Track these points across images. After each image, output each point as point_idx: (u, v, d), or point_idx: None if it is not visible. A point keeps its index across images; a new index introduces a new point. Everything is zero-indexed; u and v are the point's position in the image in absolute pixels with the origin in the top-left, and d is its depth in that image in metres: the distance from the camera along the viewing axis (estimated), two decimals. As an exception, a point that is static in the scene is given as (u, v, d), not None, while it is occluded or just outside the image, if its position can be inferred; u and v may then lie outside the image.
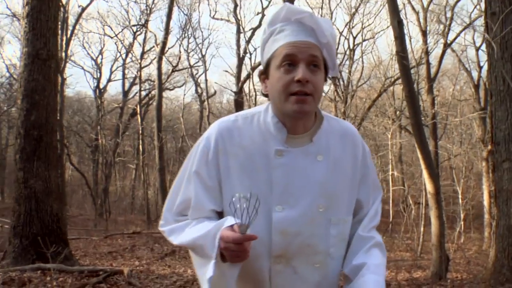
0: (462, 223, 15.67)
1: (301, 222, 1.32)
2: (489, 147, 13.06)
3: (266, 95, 1.38)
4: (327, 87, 21.21)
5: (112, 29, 26.02)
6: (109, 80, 23.87)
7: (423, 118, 16.55)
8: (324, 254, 1.35)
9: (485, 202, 15.32)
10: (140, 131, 19.54)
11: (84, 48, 23.35)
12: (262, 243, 1.29)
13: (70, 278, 5.91)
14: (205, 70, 19.48)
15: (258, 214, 1.20)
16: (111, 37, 22.00)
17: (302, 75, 1.24)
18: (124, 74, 22.52)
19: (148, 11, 19.90)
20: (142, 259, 8.63)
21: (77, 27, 20.34)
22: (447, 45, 17.11)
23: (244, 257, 1.18)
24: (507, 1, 6.52)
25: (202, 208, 1.35)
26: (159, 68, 15.63)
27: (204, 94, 23.99)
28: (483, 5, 8.15)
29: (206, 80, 15.07)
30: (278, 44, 1.31)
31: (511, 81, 6.44)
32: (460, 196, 16.69)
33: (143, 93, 21.92)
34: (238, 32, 19.08)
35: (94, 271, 6.33)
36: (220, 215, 1.37)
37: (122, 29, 21.75)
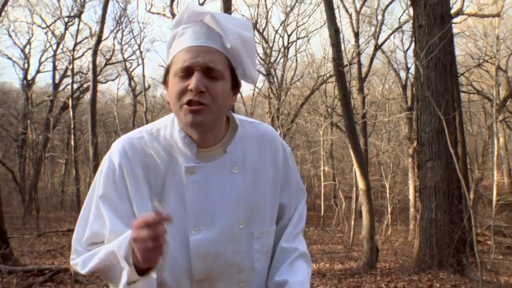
0: (389, 216, 16.72)
1: (221, 242, 1.23)
2: (415, 144, 14.10)
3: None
4: (261, 84, 21.77)
5: (42, 18, 25.12)
6: (37, 72, 23.10)
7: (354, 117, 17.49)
8: (249, 270, 1.29)
9: (411, 197, 16.46)
10: (72, 125, 19.14)
11: (11, 36, 22.28)
12: (182, 268, 1.22)
13: (15, 278, 5.94)
14: (143, 65, 19.40)
15: (175, 238, 1.17)
16: (42, 28, 21.29)
17: (194, 84, 1.13)
18: (54, 65, 21.86)
19: (82, 1, 19.46)
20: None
21: (3, 14, 19.54)
22: (377, 47, 18.12)
23: (159, 249, 1.04)
24: (432, 15, 7.26)
25: (118, 234, 1.16)
26: (94, 62, 15.43)
27: (138, 88, 23.87)
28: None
29: (143, 76, 15.07)
30: (177, 49, 1.21)
31: (435, 88, 7.18)
32: (387, 191, 17.74)
33: (75, 85, 21.42)
34: (175, 26, 19.11)
35: (40, 270, 6.42)
36: None
37: (55, 21, 21.13)
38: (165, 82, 1.25)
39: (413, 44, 9.93)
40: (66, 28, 21.73)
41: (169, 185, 1.22)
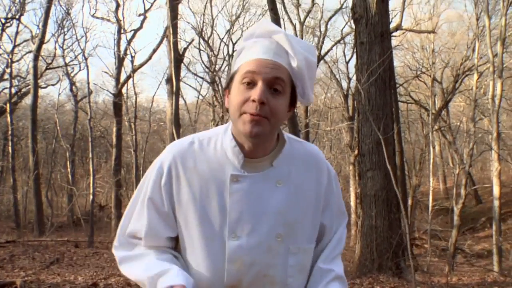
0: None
1: (257, 252, 1.28)
2: (356, 153, 14.73)
3: (228, 110, 1.33)
4: (205, 91, 21.98)
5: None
6: (-30, 75, 22.19)
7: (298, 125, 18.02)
8: (282, 284, 1.32)
9: (352, 203, 17.13)
10: (10, 132, 18.59)
11: None
12: (216, 272, 1.29)
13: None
14: (88, 70, 19.12)
15: (213, 243, 1.29)
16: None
17: (258, 96, 1.19)
18: (-10, 69, 21.12)
19: (22, 2, 18.96)
20: (26, 270, 8.57)
21: None
22: (320, 57, 18.76)
23: None
24: (372, 33, 7.77)
25: (157, 236, 1.34)
26: (35, 67, 15.14)
27: (80, 93, 23.46)
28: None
29: (88, 82, 14.81)
30: (245, 59, 1.27)
31: (375, 102, 7.68)
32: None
33: (13, 90, 20.78)
34: (119, 32, 19.03)
35: (-17, 285, 6.36)
36: (176, 240, 1.38)
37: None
38: (227, 88, 1.32)
39: (354, 55, 10.47)
40: (3, 30, 21.07)
41: (213, 191, 1.29)
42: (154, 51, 18.86)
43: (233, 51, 22.29)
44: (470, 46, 18.44)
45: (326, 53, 19.04)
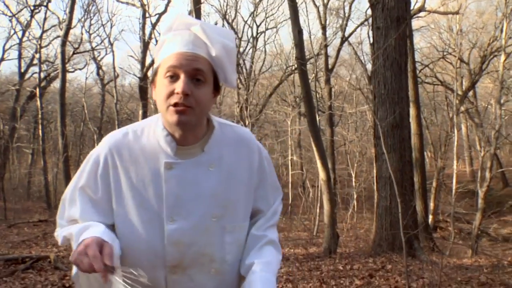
0: (355, 204, 17.60)
1: (194, 233, 1.37)
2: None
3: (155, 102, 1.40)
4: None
5: (5, 4, 25.01)
6: (1, 59, 23.05)
7: (321, 107, 18.26)
8: (220, 261, 1.41)
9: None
10: (40, 116, 19.35)
11: (-29, 23, 22.12)
12: (157, 254, 1.36)
13: (-4, 266, 6.43)
14: (113, 54, 19.71)
15: (152, 227, 1.36)
16: (9, 16, 21.30)
17: (181, 88, 1.27)
18: (20, 54, 21.88)
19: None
20: (59, 246, 9.20)
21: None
22: (344, 39, 18.86)
23: (85, 270, 1.17)
24: (388, 18, 7.98)
25: (89, 221, 1.37)
26: (63, 53, 15.71)
27: (106, 77, 24.12)
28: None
29: (114, 68, 15.37)
30: (166, 53, 1.34)
31: (391, 86, 7.93)
32: (353, 179, 18.61)
33: (42, 74, 21.54)
34: (144, 17, 19.47)
35: (20, 258, 6.94)
36: (112, 228, 1.39)
37: (21, 9, 21.14)
38: (152, 82, 1.39)
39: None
40: (32, 16, 21.79)
41: (149, 179, 1.37)
42: (178, 35, 19.21)
43: (257, 33, 22.56)
44: (499, 26, 18.26)
45: (350, 35, 19.07)
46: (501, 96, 16.89)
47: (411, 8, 12.71)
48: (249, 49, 22.15)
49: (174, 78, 1.30)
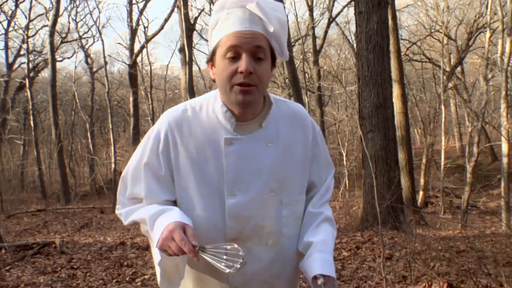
0: (346, 182, 18.17)
1: (253, 206, 1.42)
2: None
3: (214, 81, 1.43)
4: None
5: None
6: (-12, 51, 23.29)
7: (311, 87, 18.74)
8: (277, 233, 1.47)
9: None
10: (31, 106, 19.69)
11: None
12: (217, 228, 1.42)
13: (6, 253, 6.91)
14: (103, 42, 20.00)
15: (213, 201, 1.42)
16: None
17: (245, 67, 1.30)
18: (7, 44, 22.08)
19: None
20: (60, 233, 9.71)
21: None
22: (331, 19, 19.28)
23: (174, 254, 1.28)
24: (370, 3, 8.45)
25: (155, 199, 1.45)
26: (52, 43, 16.01)
27: (95, 65, 24.42)
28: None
29: (104, 56, 15.69)
30: (223, 33, 1.35)
31: (373, 69, 8.43)
32: (345, 158, 19.15)
33: (30, 65, 21.79)
34: (131, 3, 19.75)
35: (28, 245, 7.44)
36: (174, 204, 1.47)
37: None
38: (210, 62, 1.43)
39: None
40: (16, 6, 21.96)
41: (209, 154, 1.42)
42: (166, 20, 19.61)
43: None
44: (484, 2, 18.71)
45: (337, 15, 19.51)
46: (487, 72, 17.42)
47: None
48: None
49: (235, 58, 1.33)
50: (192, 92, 15.27)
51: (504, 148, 13.64)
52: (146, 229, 1.44)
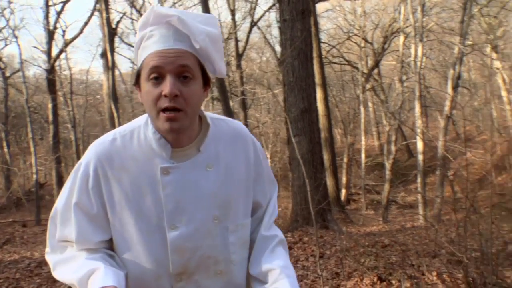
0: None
1: (198, 237, 1.34)
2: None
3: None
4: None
5: None
6: None
7: (234, 91, 19.03)
8: (226, 261, 1.39)
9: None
10: None
11: None
12: (161, 263, 1.33)
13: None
14: (19, 47, 19.13)
15: (153, 236, 1.32)
16: None
17: (169, 90, 1.20)
18: None
19: None
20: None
21: None
22: (253, 23, 19.68)
23: None
24: (294, 11, 8.84)
25: (88, 240, 1.34)
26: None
27: (9, 69, 23.38)
28: None
29: (21, 61, 15.12)
30: (146, 53, 1.26)
31: (298, 74, 8.83)
32: (269, 160, 19.61)
33: None
34: (47, 5, 19.11)
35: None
36: (110, 243, 1.38)
37: None
38: (136, 84, 1.32)
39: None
40: None
41: (145, 186, 1.31)
42: (86, 24, 19.19)
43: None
44: (397, 8, 19.85)
45: (259, 19, 19.93)
46: (402, 74, 18.51)
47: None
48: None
49: (159, 79, 1.23)
50: (115, 98, 15.10)
51: (420, 145, 14.57)
52: None
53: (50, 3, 19.18)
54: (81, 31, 18.94)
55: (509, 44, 19.53)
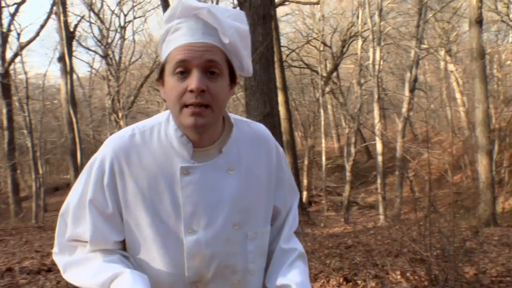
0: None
1: (216, 243, 1.26)
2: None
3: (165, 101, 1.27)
4: (98, 64, 22.11)
5: None
6: None
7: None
8: (243, 271, 1.32)
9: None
10: None
11: None
12: (176, 270, 1.26)
13: None
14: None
15: (168, 240, 1.25)
16: None
17: (196, 85, 1.14)
18: None
19: None
20: None
21: None
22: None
23: None
24: (255, 16, 8.91)
25: (104, 240, 1.27)
26: None
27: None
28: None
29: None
30: (172, 46, 1.20)
31: (260, 79, 8.90)
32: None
33: None
34: (0, 6, 18.61)
35: None
36: (123, 244, 1.31)
37: None
38: (160, 80, 1.26)
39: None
40: None
41: (163, 186, 1.25)
42: (42, 26, 18.75)
43: (125, 22, 22.59)
44: (355, 13, 20.22)
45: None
46: (360, 77, 18.87)
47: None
48: (118, 40, 22.13)
49: (185, 74, 1.18)
50: (74, 103, 14.84)
51: (379, 147, 14.90)
52: None
53: (3, 4, 18.71)
54: (37, 34, 18.51)
55: (462, 48, 20.17)
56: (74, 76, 21.48)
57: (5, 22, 18.89)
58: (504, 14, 17.26)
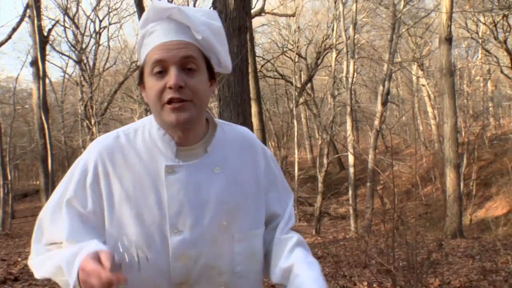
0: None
1: (202, 244, 1.24)
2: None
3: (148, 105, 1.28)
4: (71, 69, 21.90)
5: None
6: None
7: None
8: (229, 273, 1.28)
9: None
10: None
11: None
12: (161, 271, 1.23)
13: None
14: None
15: (153, 240, 1.21)
16: None
17: (173, 81, 1.15)
18: None
19: None
20: None
21: None
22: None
23: None
24: (231, 27, 8.99)
25: (79, 241, 1.20)
26: None
27: None
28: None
29: None
30: (148, 48, 1.22)
31: (234, 90, 8.99)
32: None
33: None
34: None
35: None
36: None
37: None
38: (141, 83, 1.27)
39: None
40: None
41: (148, 185, 1.24)
42: (15, 30, 18.51)
43: (100, 28, 22.47)
44: (330, 25, 20.53)
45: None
46: (334, 89, 19.13)
47: (252, 7, 14.08)
48: (93, 45, 22.00)
49: (163, 73, 1.19)
50: (46, 109, 14.68)
51: (351, 159, 15.08)
52: (64, 280, 1.17)
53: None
54: (9, 37, 18.26)
55: (434, 63, 20.67)
56: (47, 81, 21.24)
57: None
58: (473, 31, 17.78)
